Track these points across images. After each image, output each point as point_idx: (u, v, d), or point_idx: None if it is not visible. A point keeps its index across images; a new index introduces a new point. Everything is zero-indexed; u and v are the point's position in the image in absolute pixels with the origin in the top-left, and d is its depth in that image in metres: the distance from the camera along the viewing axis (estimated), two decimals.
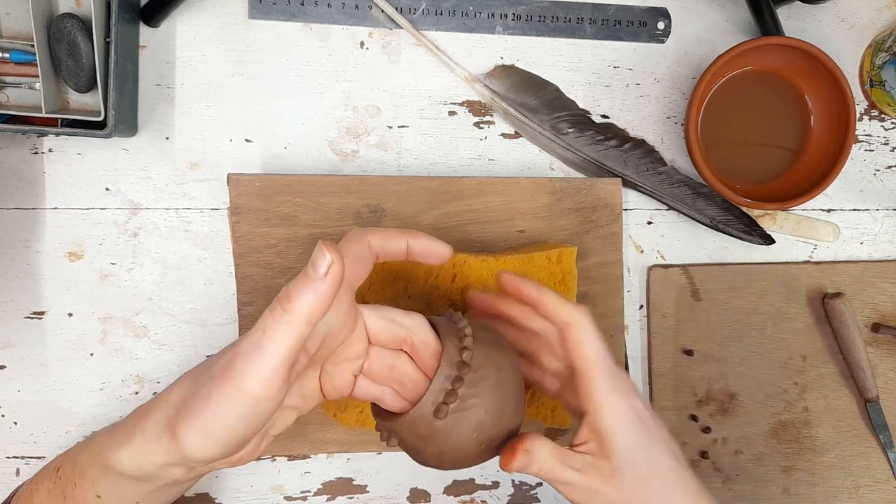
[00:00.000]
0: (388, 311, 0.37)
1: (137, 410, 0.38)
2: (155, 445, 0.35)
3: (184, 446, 0.33)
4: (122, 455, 0.36)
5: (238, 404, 0.32)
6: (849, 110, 0.51)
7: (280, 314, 0.31)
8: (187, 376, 0.36)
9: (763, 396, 0.55)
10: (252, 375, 0.31)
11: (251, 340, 0.32)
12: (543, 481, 0.39)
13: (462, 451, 0.36)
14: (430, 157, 0.52)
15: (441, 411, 0.35)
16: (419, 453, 0.37)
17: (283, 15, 0.50)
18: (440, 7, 0.51)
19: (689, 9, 0.54)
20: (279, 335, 0.31)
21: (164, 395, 0.36)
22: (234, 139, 0.50)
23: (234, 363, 0.32)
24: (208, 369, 0.34)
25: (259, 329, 0.31)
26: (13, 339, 0.49)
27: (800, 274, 0.56)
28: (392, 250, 0.37)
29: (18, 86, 0.46)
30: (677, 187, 0.54)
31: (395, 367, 0.37)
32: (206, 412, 0.32)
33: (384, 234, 0.37)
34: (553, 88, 0.52)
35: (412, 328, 0.37)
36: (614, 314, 0.53)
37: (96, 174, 0.49)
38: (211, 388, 0.32)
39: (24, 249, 0.49)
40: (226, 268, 0.50)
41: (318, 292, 0.31)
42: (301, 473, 0.52)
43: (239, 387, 0.31)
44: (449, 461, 0.37)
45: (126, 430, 0.37)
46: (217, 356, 0.35)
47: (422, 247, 0.38)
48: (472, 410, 0.35)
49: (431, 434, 0.36)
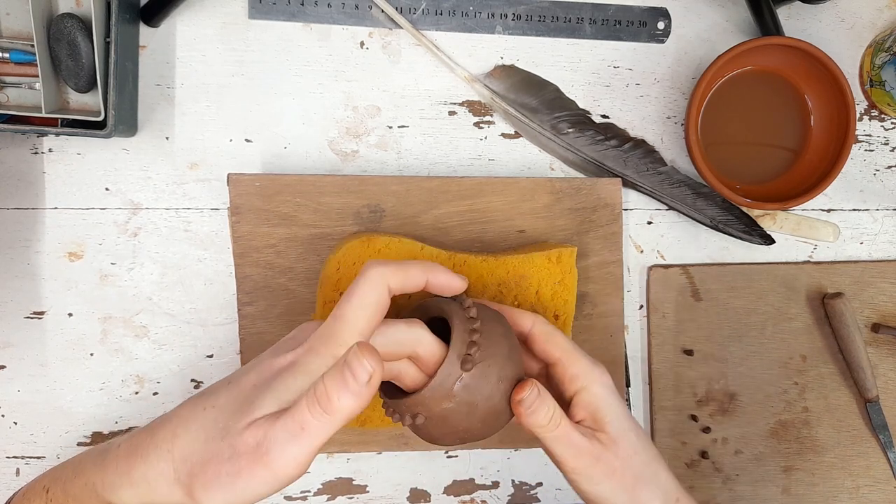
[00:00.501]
0: (392, 333, 0.36)
1: (127, 447, 0.36)
2: (165, 495, 0.34)
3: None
4: (125, 496, 0.35)
5: (269, 485, 0.32)
6: (849, 110, 0.51)
7: (320, 414, 0.31)
8: (192, 431, 0.35)
9: (763, 396, 0.55)
10: (288, 463, 0.32)
11: (288, 431, 0.32)
12: (548, 449, 0.40)
13: (492, 401, 0.37)
14: (430, 157, 0.52)
15: (467, 362, 0.36)
16: (447, 422, 0.37)
17: (283, 15, 0.50)
18: (440, 7, 0.51)
19: (689, 9, 0.54)
20: (318, 431, 0.32)
21: (158, 441, 0.35)
22: (234, 139, 0.50)
23: (267, 448, 0.32)
24: (226, 438, 0.33)
25: (296, 423, 0.32)
26: (13, 339, 0.49)
27: (800, 274, 0.56)
28: (411, 289, 0.37)
29: (18, 86, 0.46)
30: (677, 187, 0.54)
31: (395, 370, 0.38)
32: (234, 488, 0.32)
33: (403, 273, 0.37)
34: (553, 88, 0.52)
35: (415, 345, 0.37)
36: (614, 314, 0.53)
37: (96, 174, 0.49)
38: (239, 467, 0.32)
39: (24, 249, 0.49)
40: (226, 268, 0.50)
41: (360, 399, 0.31)
42: None
43: (273, 473, 0.32)
44: (480, 417, 0.37)
45: (120, 472, 0.36)
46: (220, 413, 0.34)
47: (440, 283, 0.38)
48: (493, 359, 0.37)
49: (459, 395, 0.36)
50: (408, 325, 0.37)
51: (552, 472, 0.54)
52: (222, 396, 0.35)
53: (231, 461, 0.33)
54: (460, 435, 0.38)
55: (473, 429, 0.38)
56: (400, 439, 0.51)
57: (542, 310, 0.49)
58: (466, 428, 0.37)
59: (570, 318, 0.50)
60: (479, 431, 0.38)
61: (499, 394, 0.37)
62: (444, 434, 0.38)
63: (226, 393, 0.35)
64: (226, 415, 0.34)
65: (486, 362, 0.37)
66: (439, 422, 0.37)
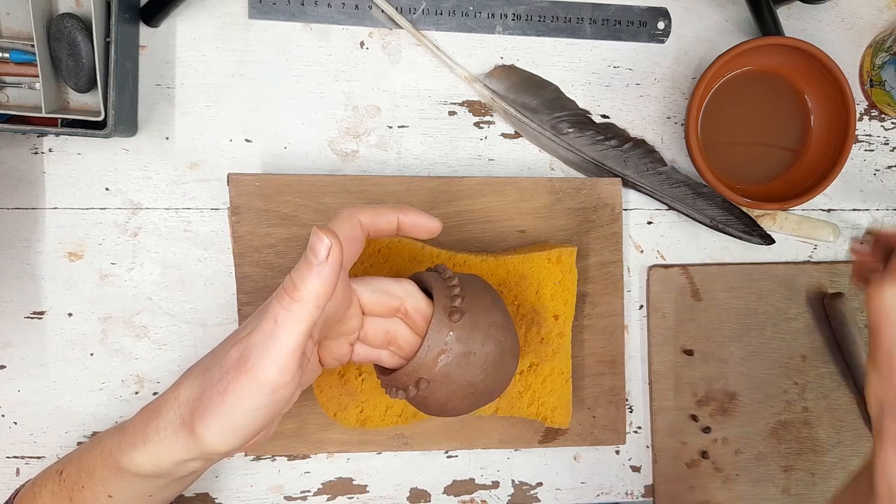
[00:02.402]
0: (380, 283, 0.38)
1: (144, 412, 0.38)
2: (172, 444, 0.35)
3: (204, 442, 0.34)
4: (137, 456, 0.36)
5: (256, 395, 0.32)
6: (849, 110, 0.51)
7: (289, 302, 0.32)
8: (194, 372, 0.36)
9: (763, 396, 0.55)
10: (268, 366, 0.32)
11: (263, 330, 0.32)
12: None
13: (488, 347, 0.38)
14: (430, 157, 0.52)
15: (454, 313, 0.37)
16: (450, 378, 0.37)
17: (283, 15, 0.50)
18: (440, 7, 0.51)
19: (689, 9, 0.54)
20: (290, 323, 0.32)
21: (171, 393, 0.36)
22: (234, 139, 0.50)
23: (247, 356, 0.32)
24: (217, 364, 0.34)
25: (269, 319, 0.32)
26: (13, 339, 0.49)
27: (800, 274, 0.56)
28: (383, 227, 0.38)
29: (18, 86, 0.46)
30: (677, 187, 0.54)
31: (390, 331, 0.38)
32: (225, 407, 0.33)
33: (374, 210, 0.38)
34: (553, 88, 0.52)
35: (404, 297, 0.38)
36: (614, 314, 0.53)
37: (96, 174, 0.49)
38: (227, 382, 0.33)
39: (24, 249, 0.49)
40: (226, 268, 0.50)
41: (323, 276, 0.31)
42: (301, 473, 0.52)
43: (256, 378, 0.32)
44: (480, 365, 0.38)
45: (137, 432, 0.37)
46: (222, 350, 0.35)
47: (411, 221, 0.39)
48: (479, 306, 0.38)
49: (453, 347, 0.37)
50: (396, 280, 0.38)
51: (552, 472, 0.54)
52: (221, 342, 0.37)
53: (220, 381, 0.33)
54: (467, 390, 0.38)
55: (476, 380, 0.38)
56: (400, 439, 0.51)
57: (542, 310, 0.49)
58: (470, 380, 0.38)
59: (570, 318, 0.50)
60: (483, 384, 0.38)
61: (493, 339, 0.38)
62: (451, 394, 0.38)
63: (224, 338, 0.37)
64: (219, 348, 0.36)
65: (472, 311, 0.38)
66: (442, 381, 0.37)
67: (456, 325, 0.37)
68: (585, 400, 0.53)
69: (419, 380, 0.37)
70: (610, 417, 0.53)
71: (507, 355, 0.39)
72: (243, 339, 0.33)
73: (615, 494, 0.55)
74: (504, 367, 0.39)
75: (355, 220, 0.37)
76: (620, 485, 0.55)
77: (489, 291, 0.40)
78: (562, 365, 0.50)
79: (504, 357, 0.39)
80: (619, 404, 0.53)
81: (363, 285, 0.37)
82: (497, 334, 0.38)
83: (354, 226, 0.37)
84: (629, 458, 0.55)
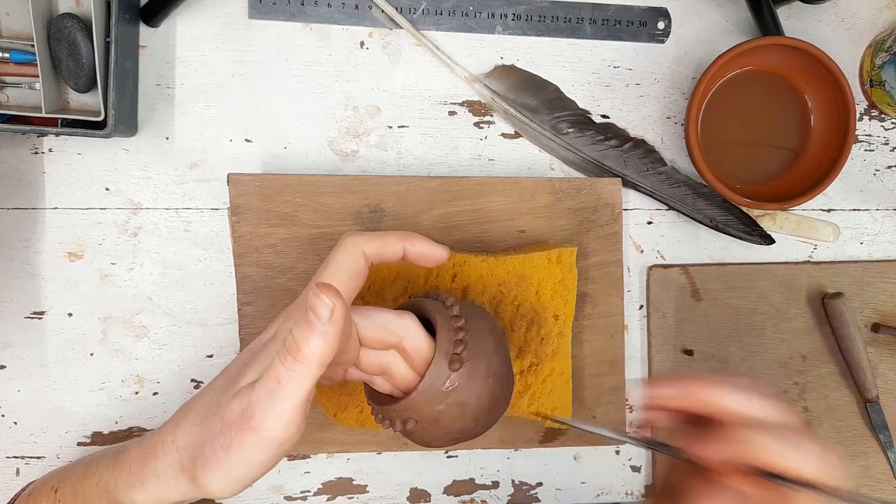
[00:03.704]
0: (381, 318, 0.36)
1: (139, 449, 0.37)
2: (173, 488, 0.35)
3: (208, 490, 0.34)
4: (137, 496, 0.36)
5: (262, 451, 0.32)
6: (849, 110, 0.51)
7: (292, 363, 0.31)
8: (190, 417, 0.36)
9: None
10: (273, 424, 0.32)
11: (267, 389, 0.32)
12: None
13: (483, 399, 0.37)
14: (430, 157, 0.52)
15: (455, 361, 0.36)
16: (439, 424, 0.36)
17: (283, 15, 0.50)
18: (440, 7, 0.51)
19: (689, 9, 0.54)
20: (294, 382, 0.31)
21: (167, 435, 0.36)
22: (234, 139, 0.50)
23: (251, 413, 0.32)
24: (216, 415, 0.34)
25: (272, 379, 0.32)
26: (13, 339, 0.49)
27: (800, 274, 0.56)
28: (388, 258, 0.37)
29: (18, 86, 0.46)
30: (677, 187, 0.54)
31: (384, 362, 0.37)
32: (229, 461, 0.33)
33: (380, 241, 0.37)
34: (553, 88, 0.52)
35: (403, 335, 0.36)
36: (614, 314, 0.53)
37: (96, 174, 0.49)
38: (230, 438, 0.32)
39: (24, 249, 0.49)
40: (226, 268, 0.50)
41: (326, 337, 0.31)
42: (301, 473, 0.52)
43: (261, 436, 0.32)
44: (472, 415, 0.37)
45: (133, 472, 0.36)
46: (221, 398, 0.35)
47: (418, 252, 0.38)
48: (481, 355, 0.36)
49: (449, 396, 0.36)
50: (397, 313, 0.37)
51: (552, 472, 0.54)
52: (217, 380, 0.36)
53: (222, 434, 0.33)
54: (454, 436, 0.37)
55: (467, 428, 0.37)
56: (400, 439, 0.51)
57: (542, 310, 0.49)
58: (460, 429, 0.37)
59: (570, 318, 0.50)
60: (472, 430, 0.38)
61: (489, 391, 0.37)
62: (437, 437, 0.37)
63: (220, 377, 0.37)
64: (218, 394, 0.35)
65: (474, 360, 0.36)
66: (431, 425, 0.37)
67: (455, 375, 0.36)
68: (585, 400, 0.53)
69: (407, 419, 0.36)
70: (610, 417, 0.53)
71: (501, 401, 0.38)
72: (245, 393, 0.33)
73: (615, 494, 0.55)
74: (495, 413, 0.38)
75: (359, 253, 0.36)
76: (620, 485, 0.55)
77: (493, 332, 0.38)
78: (562, 365, 0.50)
79: (497, 404, 0.38)
80: (619, 404, 0.53)
81: (364, 319, 0.36)
82: (494, 386, 0.37)
83: (358, 260, 0.36)
84: (629, 459, 0.55)
